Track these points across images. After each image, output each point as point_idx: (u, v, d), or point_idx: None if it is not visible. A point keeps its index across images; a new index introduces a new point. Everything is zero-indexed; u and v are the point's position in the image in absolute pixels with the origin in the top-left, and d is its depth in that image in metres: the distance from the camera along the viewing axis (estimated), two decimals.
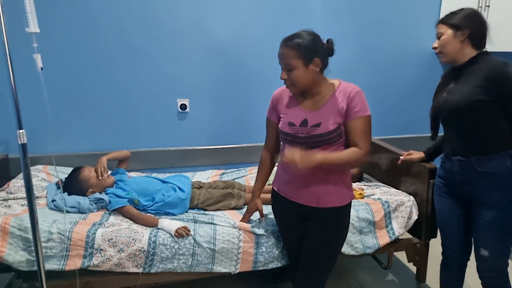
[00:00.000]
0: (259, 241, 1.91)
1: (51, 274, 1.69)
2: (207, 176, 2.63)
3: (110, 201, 2.04)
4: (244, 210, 2.08)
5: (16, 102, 1.38)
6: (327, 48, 1.57)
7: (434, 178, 1.95)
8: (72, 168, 2.21)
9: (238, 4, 2.60)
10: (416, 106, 3.06)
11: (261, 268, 1.94)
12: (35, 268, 1.59)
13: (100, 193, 2.11)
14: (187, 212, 2.12)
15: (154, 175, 2.50)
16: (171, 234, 1.84)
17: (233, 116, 2.77)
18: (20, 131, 1.39)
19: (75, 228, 1.80)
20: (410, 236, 2.26)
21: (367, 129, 1.56)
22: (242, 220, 1.95)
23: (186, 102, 2.67)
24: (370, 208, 2.10)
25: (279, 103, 1.70)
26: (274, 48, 1.62)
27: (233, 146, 2.81)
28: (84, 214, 1.99)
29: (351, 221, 2.00)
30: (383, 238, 2.10)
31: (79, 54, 2.43)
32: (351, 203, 1.70)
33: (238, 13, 2.62)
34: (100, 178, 2.13)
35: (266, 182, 1.90)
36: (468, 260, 1.89)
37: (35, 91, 2.28)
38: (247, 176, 2.64)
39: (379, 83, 2.99)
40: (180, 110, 2.67)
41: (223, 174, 2.68)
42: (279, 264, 1.96)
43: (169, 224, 1.88)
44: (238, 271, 1.91)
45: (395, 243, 2.17)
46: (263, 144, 1.85)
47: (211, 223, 1.94)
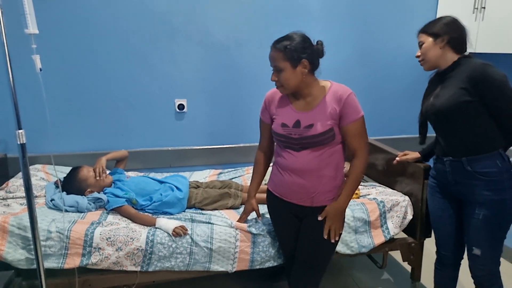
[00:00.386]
0: (256, 240, 1.93)
1: (50, 272, 1.71)
2: (204, 175, 2.64)
3: (108, 200, 2.05)
4: (241, 209, 2.10)
5: (15, 102, 1.38)
6: (317, 49, 1.59)
7: (429, 178, 1.98)
8: (70, 168, 2.23)
9: (236, 4, 2.62)
10: (412, 106, 3.04)
11: (257, 267, 1.96)
12: (34, 266, 1.61)
13: (99, 192, 2.13)
14: (184, 211, 2.14)
15: (152, 174, 2.52)
16: (168, 233, 1.86)
17: (230, 116, 2.79)
18: (19, 131, 1.39)
19: (73, 227, 1.81)
20: (405, 235, 2.29)
21: (363, 129, 1.61)
22: (238, 221, 1.97)
23: (184, 102, 2.68)
24: (365, 208, 2.12)
25: (271, 104, 1.72)
26: None
27: (230, 146, 2.83)
28: (83, 213, 2.00)
29: (346, 220, 2.03)
30: (378, 238, 2.13)
31: (77, 55, 2.44)
32: None
33: (236, 13, 2.63)
34: (98, 178, 2.15)
35: (261, 183, 1.92)
36: (462, 259, 1.92)
37: (34, 91, 2.29)
38: (244, 175, 2.66)
39: (375, 84, 3.01)
40: (177, 110, 2.68)
41: (220, 173, 2.70)
42: (276, 263, 1.98)
43: (166, 223, 1.90)
44: (235, 270, 1.93)
45: (390, 243, 2.19)
46: None
47: (209, 223, 1.96)
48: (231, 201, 2.20)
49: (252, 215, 1.99)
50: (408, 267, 2.33)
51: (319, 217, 1.65)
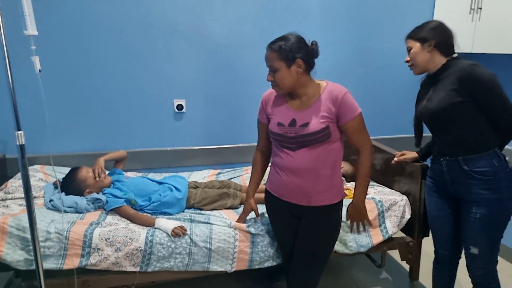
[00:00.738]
0: (255, 240, 1.94)
1: (49, 273, 1.71)
2: (203, 176, 2.65)
3: (107, 201, 2.06)
4: (240, 209, 2.11)
5: (14, 103, 1.39)
6: (311, 49, 1.60)
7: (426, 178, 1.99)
8: (69, 168, 2.23)
9: (234, 5, 2.62)
10: (410, 106, 3.03)
11: (256, 267, 1.97)
12: (34, 267, 1.61)
13: (97, 193, 2.13)
14: (183, 211, 2.15)
15: (151, 175, 2.52)
16: (167, 234, 1.86)
17: (229, 117, 2.80)
18: (19, 132, 1.40)
19: (72, 227, 1.82)
20: (403, 235, 2.30)
21: (362, 125, 1.65)
22: (237, 221, 1.97)
23: (183, 102, 2.69)
24: None
25: (268, 105, 1.74)
26: None
27: (229, 146, 2.83)
28: (82, 214, 2.00)
29: (345, 220, 2.03)
30: (377, 237, 2.13)
31: (76, 56, 2.44)
32: (342, 201, 1.74)
33: (234, 13, 2.64)
34: (98, 179, 2.15)
35: (260, 183, 1.93)
36: (460, 258, 1.93)
37: (33, 92, 2.29)
38: (243, 175, 2.67)
39: (373, 84, 3.02)
40: (176, 111, 2.69)
41: (219, 174, 2.71)
42: (274, 263, 1.99)
43: (165, 223, 1.90)
44: (234, 269, 1.94)
45: (389, 242, 2.20)
46: None
47: (208, 223, 1.97)
48: (230, 201, 2.21)
49: (251, 215, 1.99)
50: (407, 266, 2.34)
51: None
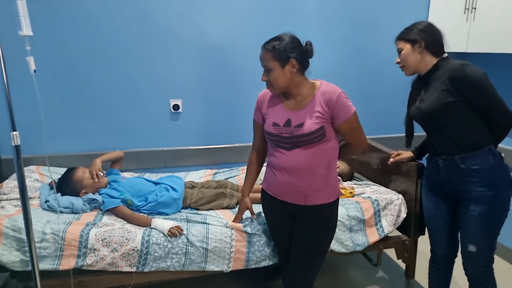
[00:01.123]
0: (251, 240, 1.94)
1: (45, 274, 1.71)
2: (199, 176, 2.65)
3: (103, 201, 2.05)
4: (236, 209, 2.11)
5: (9, 104, 1.38)
6: (305, 49, 1.61)
7: (422, 177, 2.00)
8: (65, 169, 2.22)
9: (231, 4, 2.62)
10: (406, 105, 3.10)
11: (253, 266, 1.97)
12: (29, 268, 1.60)
13: (94, 193, 2.13)
14: (180, 211, 2.15)
15: (147, 175, 2.52)
16: (164, 234, 1.86)
17: (225, 116, 2.80)
18: (14, 133, 1.39)
19: (68, 228, 1.81)
20: (399, 233, 2.31)
21: (357, 124, 1.66)
22: (234, 221, 1.97)
23: (179, 102, 2.68)
24: (360, 206, 2.14)
25: (263, 105, 1.75)
26: None
27: (225, 146, 2.83)
28: (78, 215, 2.00)
29: (341, 219, 2.05)
30: (373, 236, 2.14)
31: (71, 56, 2.43)
32: (338, 200, 1.74)
33: (230, 13, 2.64)
34: (96, 181, 2.14)
35: (255, 182, 1.93)
36: (456, 257, 1.94)
37: (28, 93, 2.28)
38: (239, 175, 2.67)
39: (369, 83, 3.03)
40: (172, 111, 2.69)
41: (216, 173, 2.71)
42: (271, 262, 1.99)
43: (162, 223, 1.90)
44: (230, 269, 1.94)
45: (385, 241, 2.21)
46: None
47: (204, 223, 1.97)
48: (227, 201, 2.21)
49: (248, 214, 2.00)
50: (403, 265, 2.35)
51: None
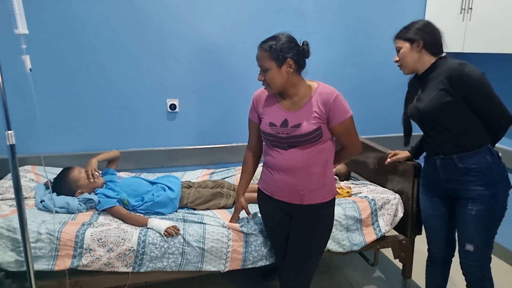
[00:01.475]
0: (248, 240, 1.94)
1: (41, 274, 1.69)
2: (196, 175, 2.64)
3: (99, 201, 2.04)
4: (233, 209, 2.10)
5: (4, 103, 1.37)
6: (302, 49, 1.60)
7: (419, 177, 2.00)
8: (61, 169, 2.21)
9: (227, 4, 2.62)
10: (403, 105, 3.11)
11: (250, 266, 1.96)
12: (24, 268, 1.59)
13: (89, 193, 2.11)
14: (176, 211, 2.14)
15: (144, 175, 2.51)
16: (160, 234, 1.86)
17: (222, 116, 2.79)
18: (9, 132, 1.38)
19: (64, 228, 1.80)
20: (396, 233, 2.31)
21: (353, 129, 1.66)
22: (230, 221, 1.97)
23: (176, 102, 2.68)
24: (357, 206, 2.14)
25: (259, 104, 1.74)
26: None
27: (222, 145, 2.83)
28: (73, 214, 1.98)
29: (338, 218, 2.05)
30: (370, 235, 2.15)
31: (67, 55, 2.42)
32: (334, 199, 1.74)
33: (227, 13, 2.64)
34: (92, 181, 2.12)
35: (250, 182, 1.92)
36: (453, 257, 1.94)
37: (23, 92, 2.26)
38: (236, 175, 2.66)
39: (366, 83, 3.03)
40: (169, 110, 2.68)
41: (213, 173, 2.70)
42: (268, 262, 1.99)
43: (158, 223, 1.89)
44: (227, 269, 1.93)
45: (382, 240, 2.21)
46: None
47: (201, 223, 1.96)
48: (224, 200, 2.20)
49: (244, 214, 1.99)
50: (400, 264, 2.35)
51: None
